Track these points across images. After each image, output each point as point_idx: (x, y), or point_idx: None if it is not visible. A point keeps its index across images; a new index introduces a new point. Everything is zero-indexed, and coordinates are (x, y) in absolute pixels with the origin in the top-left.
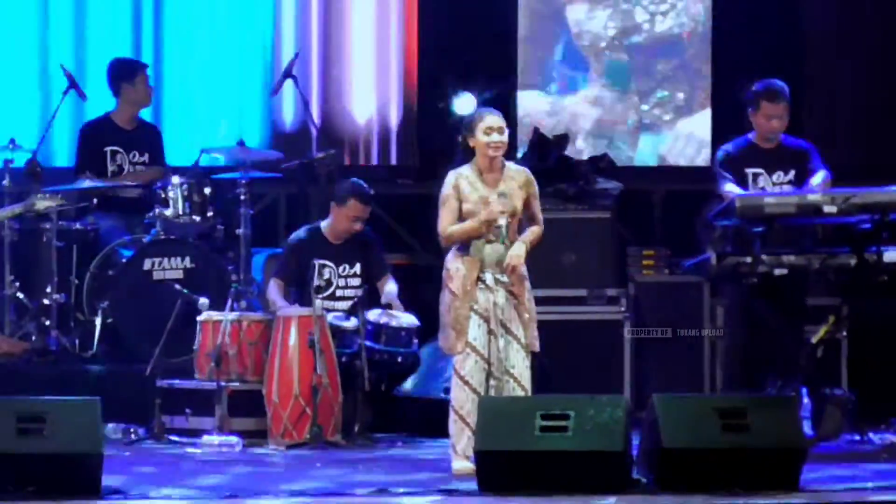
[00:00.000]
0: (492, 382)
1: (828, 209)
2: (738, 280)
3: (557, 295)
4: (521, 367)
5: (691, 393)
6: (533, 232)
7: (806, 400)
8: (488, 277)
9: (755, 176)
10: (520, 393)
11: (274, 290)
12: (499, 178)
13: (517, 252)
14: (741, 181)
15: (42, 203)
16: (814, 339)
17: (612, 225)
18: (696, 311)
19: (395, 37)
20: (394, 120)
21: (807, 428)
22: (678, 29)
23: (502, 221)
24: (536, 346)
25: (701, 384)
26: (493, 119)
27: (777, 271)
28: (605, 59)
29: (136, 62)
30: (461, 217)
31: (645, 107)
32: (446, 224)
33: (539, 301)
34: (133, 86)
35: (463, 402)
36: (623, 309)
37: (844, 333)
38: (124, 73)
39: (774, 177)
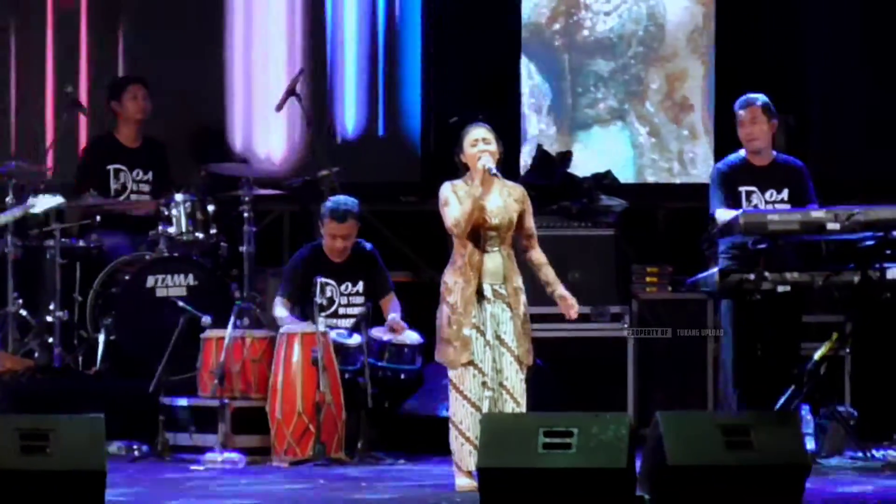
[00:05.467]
0: (486, 393)
1: (831, 226)
2: (741, 297)
3: (561, 312)
4: (514, 379)
5: (695, 410)
6: (549, 268)
7: (809, 416)
8: (487, 289)
9: (748, 194)
10: (513, 406)
11: (280, 308)
12: (490, 183)
13: (567, 294)
14: (735, 199)
15: (41, 204)
16: (817, 356)
17: (616, 242)
18: (699, 327)
19: (401, 53)
20: (397, 137)
21: (810, 444)
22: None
23: (490, 164)
24: (530, 360)
25: (704, 401)
26: (478, 131)
27: (781, 288)
28: None
29: (124, 79)
30: None
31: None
32: (453, 214)
33: (543, 318)
34: (120, 104)
35: (463, 417)
36: (626, 326)
37: (848, 350)
38: (112, 91)
39: (767, 195)
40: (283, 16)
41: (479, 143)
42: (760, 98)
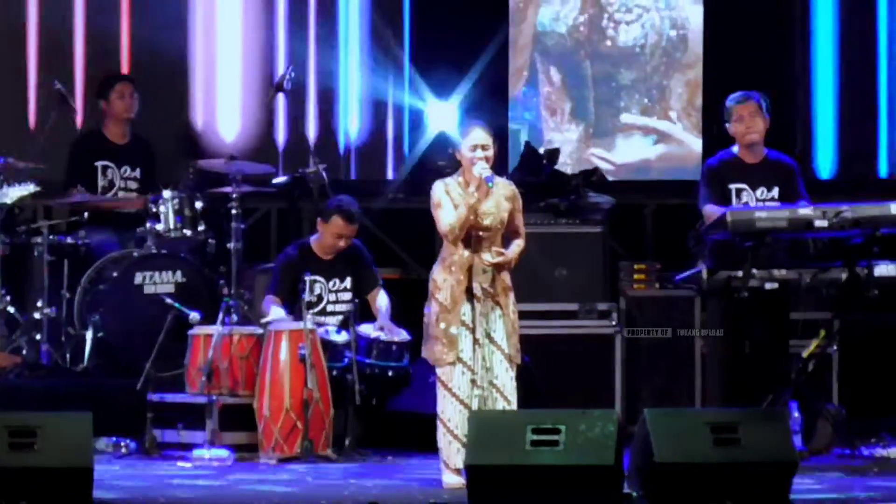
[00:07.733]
0: (476, 392)
1: (819, 224)
2: (728, 294)
3: (549, 309)
4: (504, 377)
5: (683, 407)
6: (518, 245)
7: (797, 414)
8: (476, 288)
9: (738, 191)
10: (503, 404)
11: (276, 309)
12: (485, 190)
13: (511, 254)
14: (725, 196)
15: (15, 192)
16: (805, 354)
17: (604, 239)
18: (687, 325)
19: (387, 52)
20: (385, 134)
21: (797, 442)
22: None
23: (487, 174)
24: (519, 359)
25: (692, 398)
26: (478, 135)
27: (768, 286)
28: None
29: (111, 77)
30: None
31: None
32: (447, 220)
33: (530, 315)
34: (108, 102)
35: (451, 414)
36: (614, 323)
37: (835, 348)
38: (100, 90)
39: (758, 192)
40: None
41: (479, 149)
42: (757, 94)
